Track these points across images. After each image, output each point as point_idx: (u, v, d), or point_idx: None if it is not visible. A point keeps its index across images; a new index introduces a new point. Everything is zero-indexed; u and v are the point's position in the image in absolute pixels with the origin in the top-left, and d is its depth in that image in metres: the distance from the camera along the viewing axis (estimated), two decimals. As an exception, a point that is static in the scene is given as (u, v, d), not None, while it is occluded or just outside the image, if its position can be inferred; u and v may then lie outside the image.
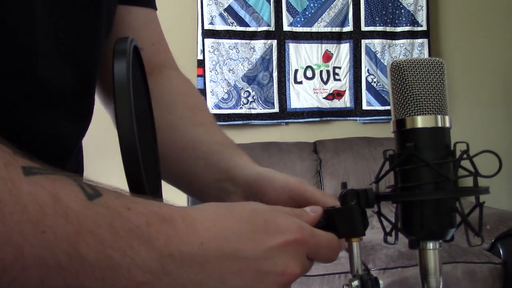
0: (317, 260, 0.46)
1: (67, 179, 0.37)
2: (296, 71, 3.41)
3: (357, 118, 3.47)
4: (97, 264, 0.36)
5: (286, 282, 0.42)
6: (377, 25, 3.46)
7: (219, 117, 3.26)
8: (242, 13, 3.30)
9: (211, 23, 3.25)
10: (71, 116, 0.58)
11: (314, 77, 3.42)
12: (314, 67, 3.42)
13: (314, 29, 3.41)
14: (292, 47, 3.40)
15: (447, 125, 0.48)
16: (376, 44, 3.46)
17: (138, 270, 0.37)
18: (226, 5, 3.27)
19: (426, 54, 3.46)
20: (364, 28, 3.46)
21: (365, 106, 3.46)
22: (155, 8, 0.75)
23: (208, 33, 3.24)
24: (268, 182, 0.58)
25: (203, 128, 0.67)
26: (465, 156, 0.47)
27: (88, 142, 0.74)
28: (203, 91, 3.26)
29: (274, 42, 3.36)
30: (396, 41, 3.48)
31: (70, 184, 0.37)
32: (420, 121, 0.48)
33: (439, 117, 0.48)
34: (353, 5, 3.44)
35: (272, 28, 3.36)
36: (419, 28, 3.49)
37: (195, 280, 0.39)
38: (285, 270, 0.41)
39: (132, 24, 0.71)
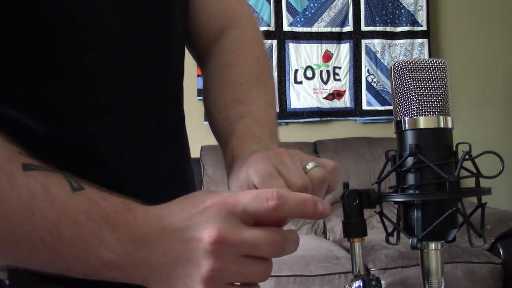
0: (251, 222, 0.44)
1: (59, 174, 0.45)
2: (296, 71, 3.41)
3: (357, 118, 3.47)
4: (73, 243, 0.43)
5: (207, 246, 0.42)
6: (377, 25, 3.46)
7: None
8: (242, 13, 3.30)
9: (211, 23, 3.25)
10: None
11: (314, 77, 3.42)
12: (314, 67, 3.42)
13: (314, 29, 3.41)
14: (292, 47, 3.40)
15: (449, 126, 0.48)
16: (376, 44, 3.46)
17: (104, 250, 0.43)
18: (226, 5, 3.27)
19: (426, 54, 3.46)
20: (364, 28, 3.46)
21: (365, 106, 3.46)
22: None
23: (208, 33, 3.24)
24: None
25: (220, 115, 0.68)
26: (467, 157, 0.47)
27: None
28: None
29: (274, 42, 3.36)
30: (396, 41, 3.48)
31: (60, 179, 0.44)
32: (422, 122, 0.48)
33: (441, 118, 0.48)
34: (353, 5, 3.44)
35: (272, 28, 3.36)
36: (419, 28, 3.48)
37: (145, 258, 0.44)
38: (203, 234, 0.42)
39: None
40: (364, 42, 3.46)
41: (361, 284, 0.49)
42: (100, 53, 0.55)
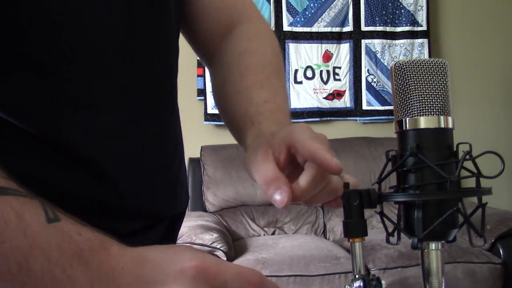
0: None
1: (36, 202, 0.43)
2: (296, 71, 3.41)
3: (357, 118, 3.47)
4: (41, 277, 0.41)
5: None
6: (377, 25, 3.46)
7: (220, 117, 3.25)
8: (242, 13, 3.30)
9: (211, 23, 3.25)
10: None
11: (314, 77, 3.42)
12: (314, 67, 3.42)
13: (314, 29, 3.41)
14: (292, 47, 3.40)
15: (450, 126, 0.48)
16: (376, 44, 3.46)
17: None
18: (226, 5, 3.27)
19: (426, 54, 3.46)
20: (364, 28, 3.46)
21: (365, 106, 3.46)
22: None
23: (208, 33, 3.23)
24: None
25: (241, 96, 0.66)
26: (467, 157, 0.47)
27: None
28: (203, 91, 3.26)
29: (274, 42, 3.36)
30: (396, 41, 3.48)
31: (36, 207, 0.42)
32: (423, 122, 0.48)
33: (441, 118, 0.48)
34: (353, 5, 3.44)
35: (272, 28, 3.36)
36: (419, 28, 3.49)
37: None
38: None
39: None
40: (364, 42, 3.46)
41: (361, 284, 0.48)
42: (91, 51, 0.54)
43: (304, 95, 3.40)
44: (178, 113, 0.70)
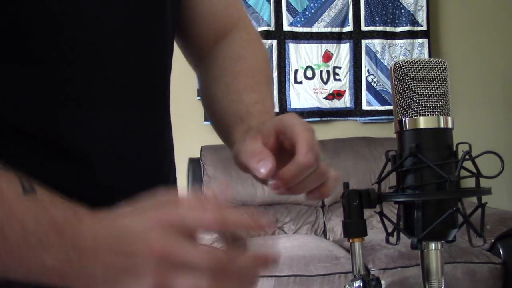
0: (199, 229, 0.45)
1: (11, 174, 0.44)
2: (296, 71, 3.41)
3: (357, 118, 3.47)
4: (17, 245, 0.41)
5: (149, 259, 0.42)
6: (377, 25, 3.46)
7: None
8: (242, 13, 3.30)
9: (211, 23, 3.25)
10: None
11: (314, 77, 3.42)
12: (314, 67, 3.42)
13: (314, 29, 3.41)
14: (292, 47, 3.39)
15: (449, 126, 0.48)
16: (376, 44, 3.46)
17: (48, 255, 0.42)
18: (226, 5, 3.27)
19: (426, 54, 3.46)
20: (364, 28, 3.46)
21: (365, 106, 3.46)
22: None
23: (208, 33, 3.23)
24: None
25: (231, 97, 0.69)
26: (467, 157, 0.47)
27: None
28: (203, 91, 3.26)
29: (274, 42, 3.36)
30: (396, 41, 3.48)
31: (12, 179, 0.43)
32: (423, 122, 0.48)
33: (441, 118, 0.48)
34: (353, 5, 3.44)
35: (272, 28, 3.36)
36: (419, 28, 3.48)
37: (89, 268, 0.43)
38: (145, 247, 0.42)
39: None
40: (364, 42, 3.45)
41: (361, 284, 0.49)
42: (91, 51, 0.54)
43: (304, 95, 3.40)
44: (169, 114, 0.71)
